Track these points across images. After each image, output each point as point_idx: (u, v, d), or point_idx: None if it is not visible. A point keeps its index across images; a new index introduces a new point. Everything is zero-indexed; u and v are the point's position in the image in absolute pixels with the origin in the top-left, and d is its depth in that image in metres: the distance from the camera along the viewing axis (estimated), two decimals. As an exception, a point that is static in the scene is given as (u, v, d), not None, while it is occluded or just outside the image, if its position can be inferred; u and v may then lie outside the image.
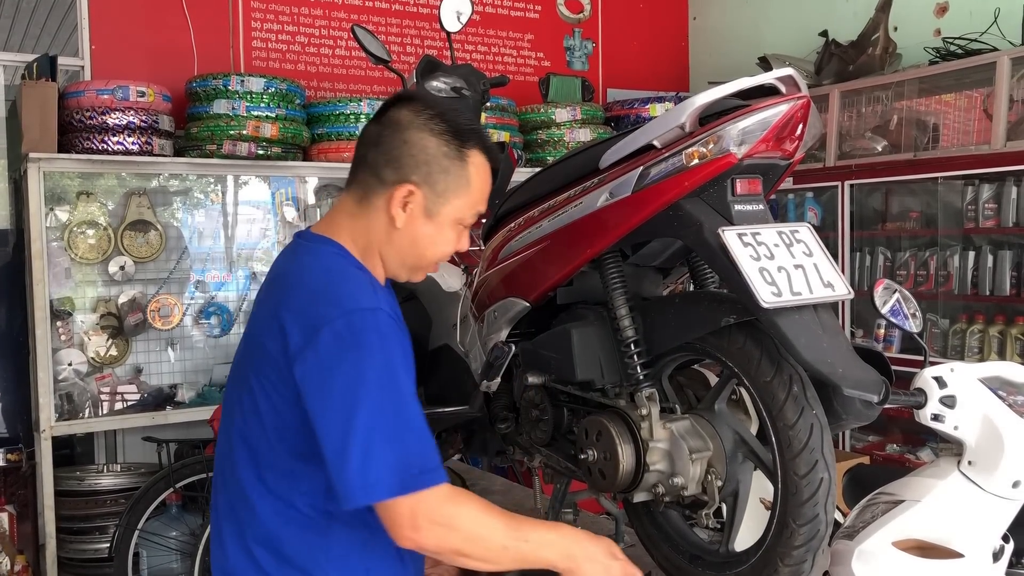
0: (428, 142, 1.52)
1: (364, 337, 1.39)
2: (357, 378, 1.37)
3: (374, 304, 1.43)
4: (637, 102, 5.13)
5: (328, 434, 1.38)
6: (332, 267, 1.50)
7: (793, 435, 1.53)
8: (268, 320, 1.48)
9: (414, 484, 1.36)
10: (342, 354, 1.38)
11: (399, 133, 1.52)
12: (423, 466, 1.38)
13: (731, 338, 1.63)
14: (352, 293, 1.45)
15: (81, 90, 3.91)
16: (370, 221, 1.55)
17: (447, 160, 1.53)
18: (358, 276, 1.51)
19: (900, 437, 4.55)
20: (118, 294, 4.09)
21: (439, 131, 1.52)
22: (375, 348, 1.39)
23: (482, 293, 2.18)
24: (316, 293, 1.45)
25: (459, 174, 1.54)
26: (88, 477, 4.11)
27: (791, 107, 1.53)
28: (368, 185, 1.54)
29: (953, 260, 4.30)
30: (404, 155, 1.51)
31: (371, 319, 1.41)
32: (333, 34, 4.96)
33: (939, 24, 4.63)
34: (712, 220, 1.56)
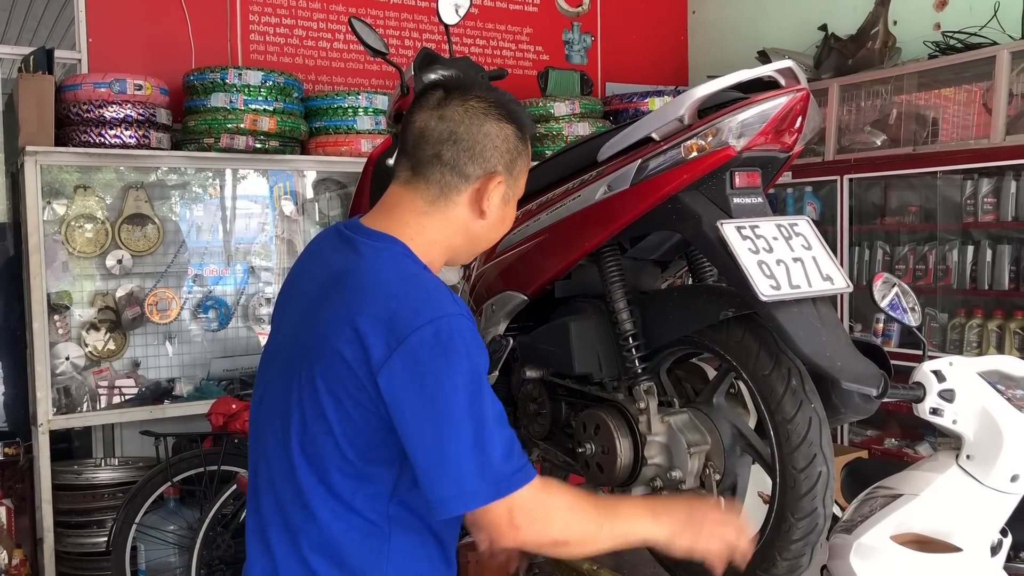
0: (507, 131, 1.52)
1: (452, 344, 1.37)
2: (449, 386, 1.35)
3: (458, 310, 1.41)
4: (636, 96, 5.11)
5: (421, 445, 1.37)
6: (407, 271, 1.46)
7: (792, 429, 1.52)
8: (339, 324, 1.41)
9: (508, 486, 1.36)
10: (432, 362, 1.36)
11: (478, 126, 1.50)
12: (514, 466, 1.37)
13: (729, 331, 1.62)
14: (435, 299, 1.41)
15: (78, 83, 3.90)
16: (447, 217, 1.52)
17: (521, 149, 1.55)
18: (435, 280, 1.48)
19: (899, 431, 4.55)
20: (116, 288, 4.09)
21: (508, 118, 1.53)
22: (462, 354, 1.37)
23: (480, 286, 2.18)
24: (397, 298, 1.40)
25: (526, 157, 1.57)
26: (86, 471, 4.10)
27: (790, 100, 1.53)
28: (447, 183, 1.50)
29: (952, 254, 4.29)
30: (488, 147, 1.50)
31: (457, 325, 1.38)
32: (331, 27, 4.94)
33: (939, 18, 4.62)
34: (711, 213, 1.56)
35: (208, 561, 3.42)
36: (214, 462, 3.62)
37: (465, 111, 1.49)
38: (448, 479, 1.35)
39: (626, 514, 1.48)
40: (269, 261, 4.51)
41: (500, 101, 1.53)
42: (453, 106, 1.50)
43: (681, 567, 1.87)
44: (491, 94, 1.53)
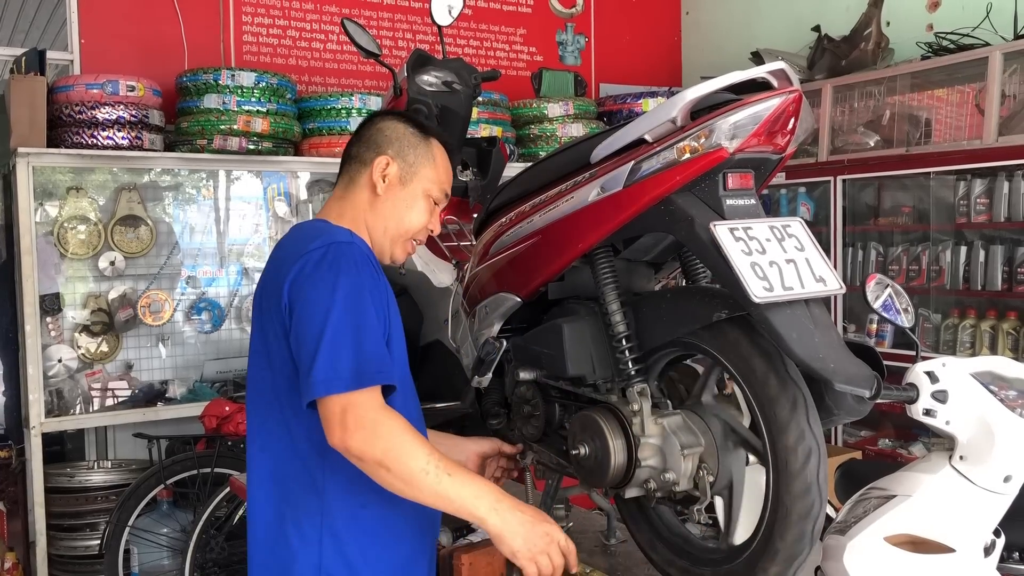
0: (397, 126, 1.84)
1: (339, 262, 1.60)
2: (328, 293, 1.56)
3: (350, 239, 1.66)
4: (630, 97, 5.12)
5: (303, 341, 1.56)
6: (316, 227, 1.74)
7: (777, 408, 1.53)
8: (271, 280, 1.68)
9: (368, 380, 1.52)
10: (318, 273, 1.59)
11: (374, 126, 1.86)
12: (378, 367, 1.54)
13: (723, 333, 1.62)
14: (331, 232, 1.69)
15: (70, 84, 3.89)
16: (355, 198, 1.82)
17: (415, 138, 1.84)
18: (339, 227, 1.74)
19: (892, 432, 4.56)
20: (108, 290, 4.08)
21: (402, 121, 1.86)
22: (348, 271, 1.59)
23: (473, 288, 2.17)
24: (303, 240, 1.67)
25: (425, 151, 1.85)
26: (79, 474, 4.09)
27: (783, 101, 1.52)
28: (352, 171, 1.83)
29: (945, 255, 4.30)
30: (379, 137, 1.83)
31: (347, 250, 1.63)
32: (324, 28, 4.94)
33: (931, 19, 4.63)
34: (703, 214, 1.56)
35: (201, 564, 3.42)
36: (207, 464, 3.62)
37: (372, 122, 1.86)
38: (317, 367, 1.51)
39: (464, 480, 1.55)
40: (263, 262, 4.50)
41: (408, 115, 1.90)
42: (370, 121, 1.87)
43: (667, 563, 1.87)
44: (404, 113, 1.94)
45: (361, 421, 1.50)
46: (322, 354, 1.52)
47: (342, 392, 1.51)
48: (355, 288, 1.58)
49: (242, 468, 3.54)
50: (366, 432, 1.50)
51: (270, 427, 1.71)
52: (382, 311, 1.66)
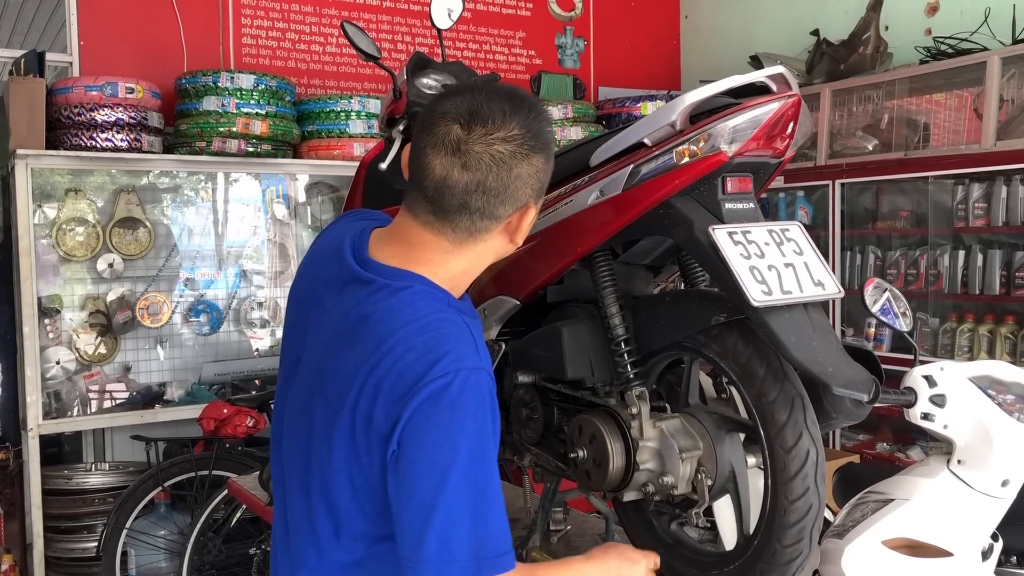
0: (536, 163, 1.39)
1: (461, 401, 1.28)
2: (451, 448, 1.27)
3: (476, 363, 1.32)
4: (629, 100, 5.13)
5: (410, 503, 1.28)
6: (427, 316, 1.35)
7: (775, 410, 1.53)
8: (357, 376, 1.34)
9: (490, 568, 1.27)
10: (441, 416, 1.28)
11: (507, 171, 1.36)
12: (499, 549, 1.29)
13: (721, 337, 1.62)
14: (453, 350, 1.31)
15: (69, 86, 3.89)
16: (476, 251, 1.43)
17: (550, 165, 1.44)
18: (457, 327, 1.36)
19: (891, 435, 4.56)
20: (107, 292, 4.08)
21: (535, 149, 1.39)
22: (472, 414, 1.29)
23: (473, 291, 2.17)
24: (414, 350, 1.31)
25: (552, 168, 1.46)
26: (76, 476, 4.09)
27: (782, 105, 1.53)
28: (476, 227, 1.39)
29: (943, 259, 4.31)
30: (520, 188, 1.38)
31: (471, 380, 1.30)
32: (324, 31, 4.94)
33: (930, 23, 4.64)
34: (702, 218, 1.56)
35: (199, 566, 3.42)
36: (205, 467, 3.62)
37: (492, 158, 1.34)
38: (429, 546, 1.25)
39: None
40: (261, 264, 4.51)
41: (528, 133, 1.37)
42: (476, 153, 1.34)
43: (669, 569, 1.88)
44: (514, 124, 1.36)
45: None
46: (435, 529, 1.25)
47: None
48: (481, 439, 1.29)
49: (239, 471, 3.54)
50: None
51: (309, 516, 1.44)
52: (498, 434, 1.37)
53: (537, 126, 1.39)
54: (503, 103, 1.37)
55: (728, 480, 1.70)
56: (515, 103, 1.38)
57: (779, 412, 1.54)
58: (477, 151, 1.34)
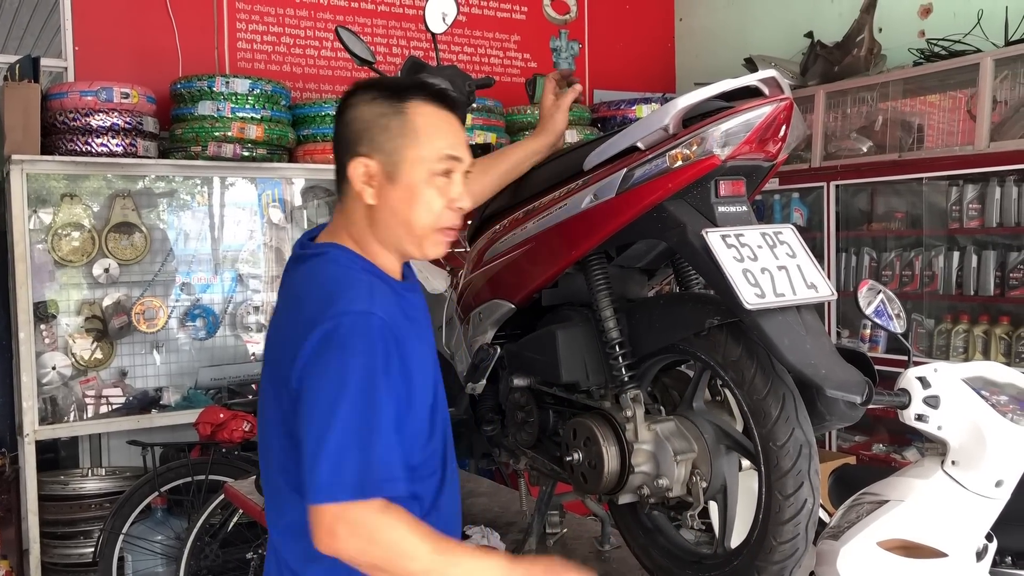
0: (362, 111, 1.53)
1: (350, 339, 1.40)
2: (336, 384, 1.39)
3: (365, 307, 1.43)
4: (624, 103, 5.13)
5: (306, 437, 1.40)
6: (330, 275, 1.51)
7: (781, 454, 1.54)
8: (282, 338, 1.52)
9: (373, 491, 1.37)
10: (327, 355, 1.40)
11: (341, 118, 1.56)
12: (384, 475, 1.38)
13: (715, 339, 1.63)
14: (345, 295, 1.45)
15: (64, 91, 3.89)
16: (353, 211, 1.56)
17: (384, 119, 1.51)
18: (359, 279, 1.50)
19: (886, 436, 4.57)
20: (103, 296, 4.08)
21: (370, 98, 1.53)
22: (359, 351, 1.40)
23: (467, 295, 2.18)
24: (315, 302, 1.47)
25: (400, 126, 1.51)
26: (72, 481, 4.09)
27: (774, 109, 1.54)
28: (339, 182, 1.57)
29: (938, 260, 4.32)
30: (347, 134, 1.53)
31: (361, 322, 1.41)
32: (318, 35, 4.95)
33: (923, 25, 4.66)
34: (696, 221, 1.57)
35: (196, 571, 3.42)
36: (202, 472, 3.61)
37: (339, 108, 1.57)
38: (321, 469, 1.36)
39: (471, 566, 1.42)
40: (257, 268, 4.51)
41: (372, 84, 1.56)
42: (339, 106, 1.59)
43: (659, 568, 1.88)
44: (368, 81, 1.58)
45: (357, 529, 1.36)
46: (325, 458, 1.36)
47: (342, 502, 1.36)
48: (368, 375, 1.39)
49: (236, 475, 3.54)
50: (361, 541, 1.37)
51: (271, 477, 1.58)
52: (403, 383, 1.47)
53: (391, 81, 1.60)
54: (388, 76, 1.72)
55: (719, 490, 1.71)
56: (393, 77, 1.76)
57: (770, 408, 1.54)
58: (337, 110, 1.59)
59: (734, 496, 1.72)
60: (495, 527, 2.59)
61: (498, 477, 3.59)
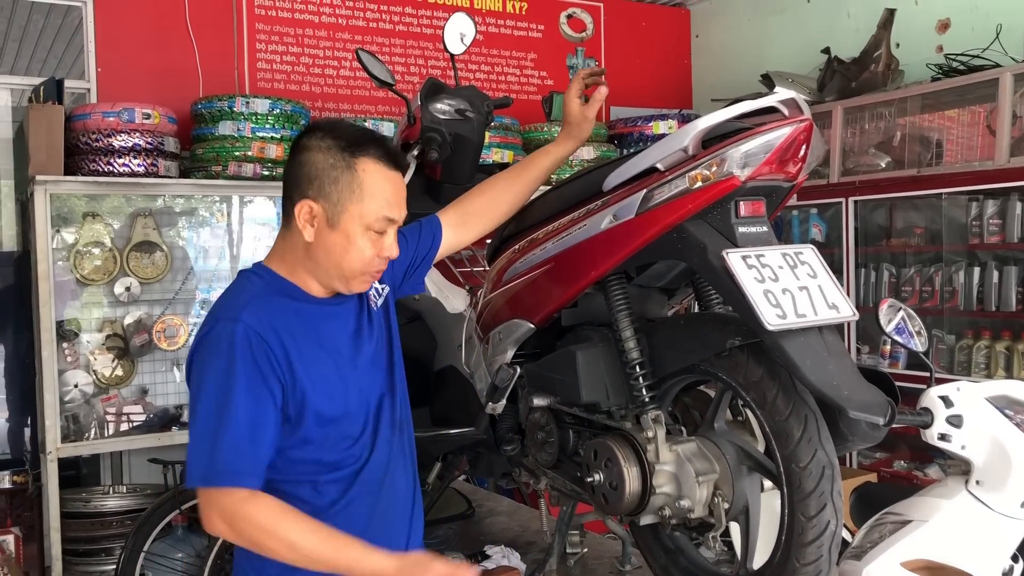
0: (316, 158, 1.64)
1: (218, 343, 1.57)
2: (199, 384, 1.59)
3: (236, 315, 1.59)
4: (640, 120, 5.14)
5: (188, 424, 1.62)
6: (231, 288, 1.71)
7: (804, 475, 1.53)
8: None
9: (214, 480, 1.53)
10: (197, 357, 1.61)
11: (295, 157, 1.67)
12: (226, 468, 1.53)
13: (736, 360, 1.63)
14: (227, 305, 1.64)
15: (87, 112, 3.93)
16: (293, 241, 1.68)
17: (335, 171, 1.63)
18: (244, 290, 1.66)
19: (908, 454, 4.53)
20: (124, 315, 4.10)
21: (326, 147, 1.64)
22: (220, 354, 1.56)
23: (487, 314, 2.18)
24: (214, 306, 1.69)
25: (349, 181, 1.63)
26: (94, 499, 4.10)
27: (794, 130, 1.54)
28: (286, 210, 1.69)
29: (958, 276, 4.29)
30: (300, 175, 1.65)
31: (227, 329, 1.57)
32: (337, 55, 4.99)
33: (941, 40, 4.65)
34: (716, 242, 1.57)
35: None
36: (222, 489, 3.62)
37: (296, 146, 1.68)
38: (189, 457, 1.56)
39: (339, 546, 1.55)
40: (276, 287, 4.52)
41: (330, 131, 1.66)
42: (297, 142, 1.70)
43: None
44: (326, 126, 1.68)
45: (222, 514, 1.54)
46: (189, 447, 1.56)
47: (197, 487, 1.55)
48: (225, 378, 1.54)
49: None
50: (224, 526, 1.55)
51: None
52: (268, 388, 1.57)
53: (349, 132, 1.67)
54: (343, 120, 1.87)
55: (741, 511, 1.70)
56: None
57: (793, 429, 1.54)
58: (294, 144, 1.70)
59: (756, 517, 1.71)
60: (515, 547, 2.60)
61: (518, 496, 3.58)
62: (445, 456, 2.65)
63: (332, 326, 1.70)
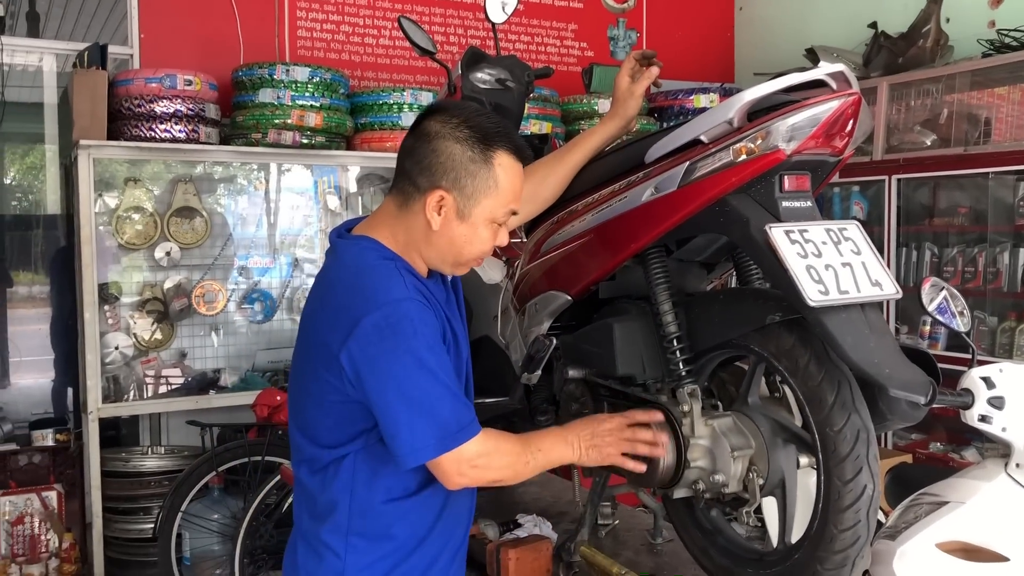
0: (454, 149, 1.62)
1: (399, 326, 1.56)
2: (396, 362, 1.55)
3: (404, 294, 1.59)
4: (681, 93, 5.09)
5: (382, 412, 1.58)
6: (364, 263, 1.66)
7: (839, 440, 1.52)
8: (320, 319, 1.66)
9: (452, 443, 1.57)
10: (382, 343, 1.55)
11: (429, 143, 1.64)
12: (458, 425, 1.58)
13: (776, 336, 1.61)
14: (384, 286, 1.60)
15: (130, 78, 3.97)
16: (410, 223, 1.67)
17: (473, 164, 1.62)
18: (387, 268, 1.64)
19: (944, 435, 4.48)
20: (164, 279, 4.16)
21: (464, 137, 1.63)
22: (408, 334, 1.56)
23: (523, 286, 2.18)
24: (354, 290, 1.62)
25: (486, 176, 1.63)
26: (133, 459, 4.19)
27: (841, 104, 1.52)
28: (406, 192, 1.67)
29: (1003, 257, 4.22)
30: (434, 163, 1.62)
31: (404, 308, 1.57)
32: (377, 24, 4.98)
33: (993, 15, 4.53)
34: (759, 216, 1.55)
35: (251, 550, 3.48)
36: (258, 452, 3.68)
37: (428, 129, 1.65)
38: (402, 439, 1.56)
39: (546, 447, 1.70)
40: (313, 253, 4.56)
41: (467, 121, 1.64)
42: (423, 124, 1.67)
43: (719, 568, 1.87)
44: (462, 114, 1.65)
45: (463, 470, 1.59)
46: (402, 430, 1.56)
47: (433, 458, 1.57)
48: (417, 353, 1.56)
49: (292, 457, 3.60)
50: (474, 474, 1.61)
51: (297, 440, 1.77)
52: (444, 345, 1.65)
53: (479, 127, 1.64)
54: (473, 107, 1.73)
55: (778, 485, 1.69)
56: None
57: (826, 393, 1.54)
58: (426, 123, 1.66)
59: (793, 492, 1.70)
60: (547, 516, 2.61)
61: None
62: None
63: (442, 303, 1.74)
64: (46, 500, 3.93)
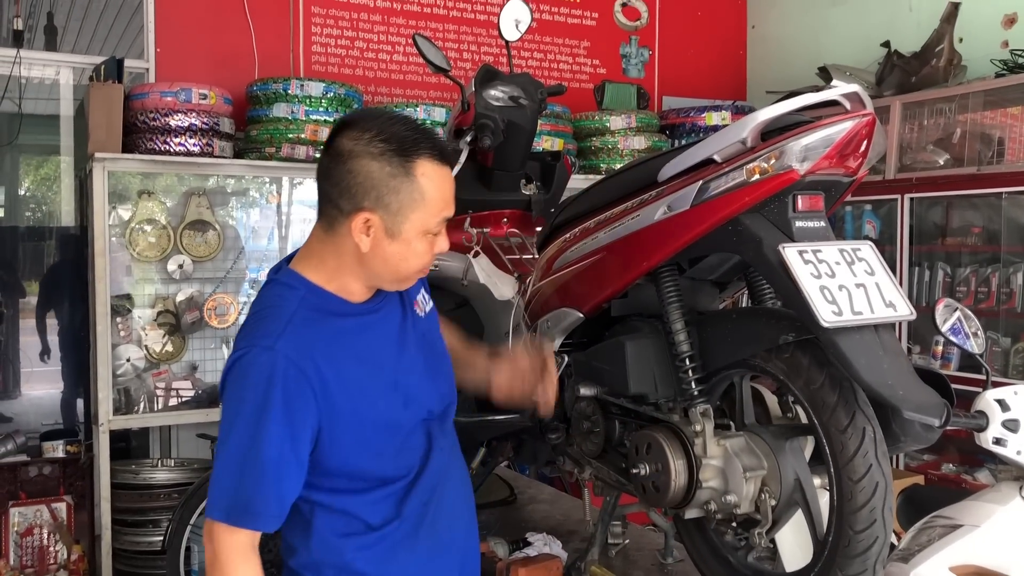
0: (371, 167, 1.50)
1: (253, 374, 1.48)
2: (234, 410, 1.49)
3: (270, 343, 1.48)
4: (693, 110, 5.09)
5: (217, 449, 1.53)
6: (266, 302, 1.58)
7: (823, 394, 1.52)
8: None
9: (235, 519, 1.48)
10: (230, 382, 1.51)
11: (344, 163, 1.52)
12: (249, 509, 1.48)
13: (788, 356, 1.61)
14: (263, 329, 1.52)
15: (146, 92, 4.00)
16: (339, 247, 1.56)
17: (394, 180, 1.51)
18: (279, 310, 1.54)
19: (957, 457, 4.45)
20: (176, 292, 4.17)
21: (379, 152, 1.50)
22: (252, 385, 1.47)
23: (535, 302, 2.19)
24: (245, 325, 1.59)
25: (410, 190, 1.51)
26: (143, 471, 4.19)
27: (856, 124, 1.52)
28: (331, 216, 1.56)
29: (1017, 277, 4.19)
30: (352, 184, 1.51)
31: (263, 358, 1.48)
32: (391, 39, 5.01)
33: (1007, 36, 4.53)
34: (772, 236, 1.55)
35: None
36: (267, 467, 3.67)
37: (339, 148, 1.53)
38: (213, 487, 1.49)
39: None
40: (325, 269, 4.56)
41: (379, 134, 1.51)
42: (334, 142, 1.55)
43: None
44: (373, 127, 1.52)
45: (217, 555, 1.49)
46: (214, 475, 1.50)
47: (214, 520, 1.49)
48: (257, 414, 1.46)
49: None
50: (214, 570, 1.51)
51: None
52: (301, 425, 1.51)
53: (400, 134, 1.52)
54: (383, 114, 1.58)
55: (794, 491, 1.68)
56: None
57: (849, 441, 1.52)
58: (339, 140, 1.54)
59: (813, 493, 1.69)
60: (556, 535, 2.60)
61: (558, 484, 3.59)
62: (489, 442, 2.66)
63: (373, 337, 1.62)
64: (55, 512, 3.93)
